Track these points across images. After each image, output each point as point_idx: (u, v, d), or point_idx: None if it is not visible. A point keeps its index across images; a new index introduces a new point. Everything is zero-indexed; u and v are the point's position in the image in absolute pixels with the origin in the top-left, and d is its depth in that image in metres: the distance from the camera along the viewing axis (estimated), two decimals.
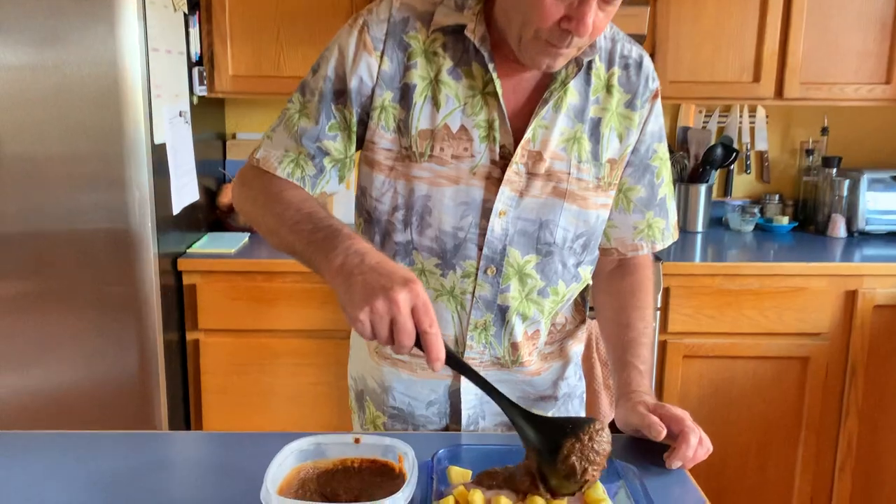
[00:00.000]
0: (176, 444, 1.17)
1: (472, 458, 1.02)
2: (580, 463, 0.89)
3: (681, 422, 1.08)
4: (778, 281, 2.36)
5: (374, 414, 1.32)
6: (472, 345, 1.22)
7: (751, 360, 2.39)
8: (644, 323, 1.25)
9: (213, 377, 2.38)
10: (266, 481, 0.86)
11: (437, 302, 1.21)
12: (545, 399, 1.31)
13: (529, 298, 1.22)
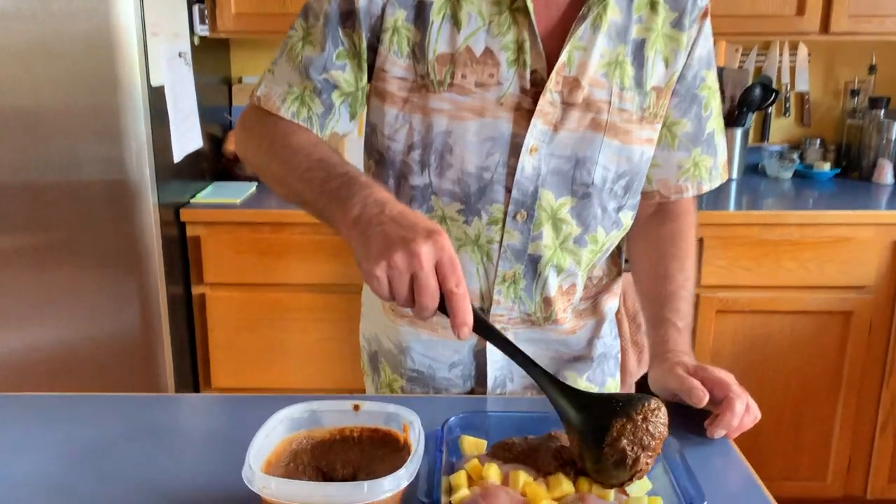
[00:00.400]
0: (177, 408, 1.07)
1: (488, 427, 0.90)
2: (632, 448, 0.75)
3: (725, 386, 0.95)
4: (820, 230, 2.19)
5: (391, 377, 1.21)
6: (500, 300, 1.10)
7: (789, 314, 2.25)
8: (684, 275, 1.11)
9: (220, 333, 2.29)
10: (249, 456, 0.75)
11: (459, 252, 1.08)
12: (580, 360, 1.19)
13: (564, 247, 1.09)
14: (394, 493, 0.72)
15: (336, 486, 0.71)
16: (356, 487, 0.70)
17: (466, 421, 0.90)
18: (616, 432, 0.76)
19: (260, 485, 0.71)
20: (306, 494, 0.70)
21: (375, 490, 0.71)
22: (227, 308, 2.27)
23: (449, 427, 0.88)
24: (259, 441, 0.79)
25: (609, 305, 1.21)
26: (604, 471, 0.77)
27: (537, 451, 0.83)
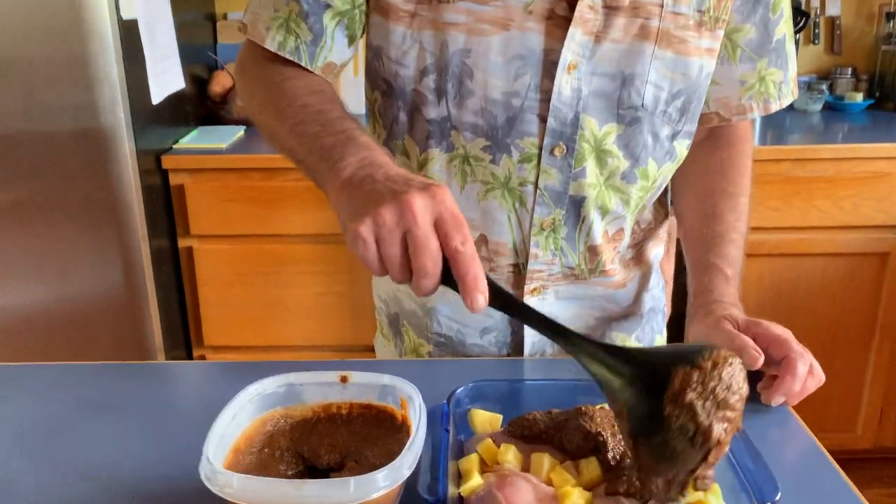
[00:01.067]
0: (164, 377, 0.93)
1: (504, 398, 0.76)
2: (703, 404, 0.55)
3: (784, 344, 0.80)
4: (856, 165, 2.02)
5: (416, 342, 1.06)
6: (537, 253, 0.94)
7: (821, 257, 2.09)
8: (736, 214, 0.95)
9: (211, 289, 2.14)
10: (208, 446, 0.60)
11: (487, 199, 0.92)
12: (628, 318, 1.04)
13: (611, 185, 0.92)
14: (390, 489, 0.57)
15: (316, 484, 0.56)
16: (340, 486, 0.56)
17: (477, 391, 0.75)
18: (679, 383, 0.56)
19: (220, 483, 0.57)
20: (278, 496, 0.56)
21: (365, 487, 0.56)
22: (216, 262, 2.12)
23: (456, 399, 0.73)
24: (222, 424, 0.64)
25: (655, 252, 1.06)
26: (665, 451, 0.57)
27: (563, 429, 0.69)
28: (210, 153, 2.07)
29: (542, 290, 0.97)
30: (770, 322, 0.84)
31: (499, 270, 0.96)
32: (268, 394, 0.70)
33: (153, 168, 2.00)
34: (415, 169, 0.94)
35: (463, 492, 0.64)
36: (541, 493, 0.63)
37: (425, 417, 0.65)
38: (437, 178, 0.92)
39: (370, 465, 0.65)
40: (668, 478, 0.59)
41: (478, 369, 0.94)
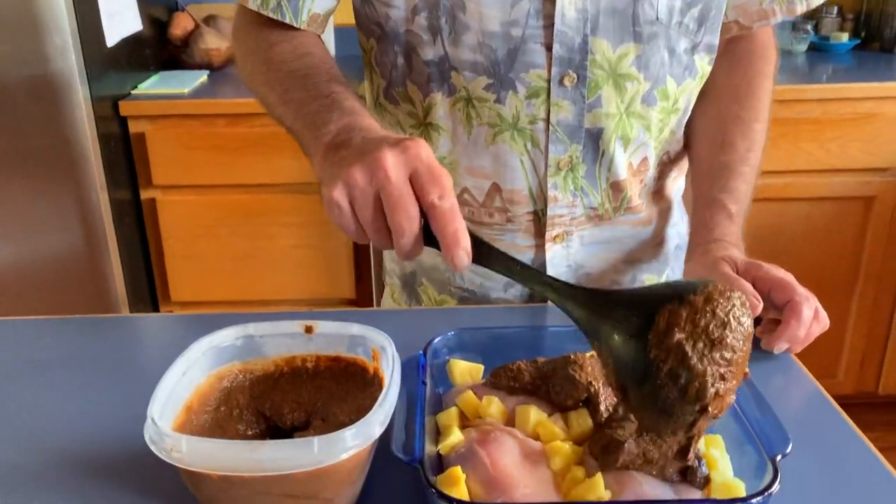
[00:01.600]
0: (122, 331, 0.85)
1: (486, 347, 0.69)
2: (694, 345, 0.48)
3: (787, 288, 0.75)
4: (843, 106, 1.96)
5: (438, 299, 0.99)
6: (557, 196, 0.87)
7: (805, 201, 2.04)
8: (748, 142, 0.88)
9: (176, 242, 2.05)
10: (152, 405, 0.53)
11: (496, 143, 0.85)
12: (658, 257, 0.98)
13: (632, 112, 0.85)
14: (360, 449, 0.51)
15: (275, 446, 0.50)
16: (303, 447, 0.49)
17: (457, 340, 0.69)
18: (665, 322, 0.49)
19: (167, 447, 0.50)
20: (232, 460, 0.49)
21: (332, 448, 0.50)
22: (181, 214, 2.03)
23: (434, 349, 0.67)
24: (171, 380, 0.57)
25: (678, 185, 0.99)
26: (657, 403, 0.50)
27: (551, 380, 0.63)
28: (171, 98, 1.95)
29: (566, 236, 0.90)
30: (771, 264, 0.79)
31: (517, 220, 0.89)
32: (223, 346, 0.63)
33: (110, 115, 1.89)
34: (420, 117, 0.87)
35: (442, 449, 0.58)
36: (527, 449, 0.57)
37: (399, 370, 0.58)
38: (443, 124, 0.86)
39: (339, 424, 0.58)
40: (667, 443, 0.53)
41: (459, 318, 0.88)
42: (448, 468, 0.55)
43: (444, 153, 0.87)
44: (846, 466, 0.61)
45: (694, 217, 0.88)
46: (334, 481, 0.52)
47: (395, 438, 0.55)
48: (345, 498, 0.55)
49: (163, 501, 0.57)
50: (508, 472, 0.54)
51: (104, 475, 0.60)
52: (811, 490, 0.58)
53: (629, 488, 0.53)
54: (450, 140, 0.86)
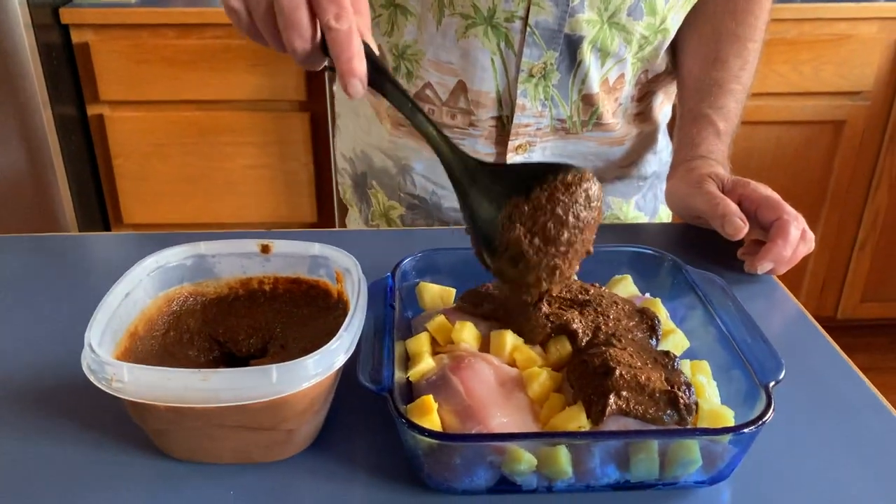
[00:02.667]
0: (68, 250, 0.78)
1: (458, 269, 0.65)
2: (530, 241, 0.52)
3: (776, 207, 0.71)
4: (818, 27, 1.91)
5: (387, 204, 0.94)
6: (525, 104, 0.82)
7: (776, 125, 2.01)
8: (741, 61, 0.84)
9: (126, 161, 1.95)
10: (90, 333, 0.48)
11: (467, 38, 0.78)
12: (626, 179, 0.93)
13: (614, 22, 0.79)
14: (323, 377, 0.46)
15: (229, 374, 0.45)
16: (259, 376, 0.45)
17: (427, 262, 0.64)
18: (508, 215, 0.53)
19: (108, 376, 0.45)
20: (180, 389, 0.44)
21: (292, 376, 0.45)
22: (131, 131, 1.92)
23: (402, 271, 0.62)
24: (112, 303, 0.52)
25: (665, 111, 0.95)
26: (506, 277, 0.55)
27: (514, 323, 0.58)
28: (118, 6, 1.82)
29: (529, 146, 0.86)
30: (758, 183, 0.75)
31: (479, 125, 0.84)
32: (172, 266, 0.57)
33: (51, 23, 1.76)
34: None
35: (412, 377, 0.54)
36: (503, 376, 0.53)
37: (366, 293, 0.54)
38: (412, 7, 0.79)
39: (299, 351, 0.54)
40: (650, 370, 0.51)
41: (429, 238, 0.83)
42: (419, 397, 0.51)
43: (409, 40, 0.82)
44: (832, 390, 0.59)
45: (679, 132, 0.84)
46: (295, 412, 0.48)
47: (361, 366, 0.51)
48: (306, 430, 0.51)
49: (106, 435, 0.53)
50: (483, 401, 0.50)
51: (43, 406, 0.55)
52: (799, 414, 0.56)
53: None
54: (416, 27, 0.80)
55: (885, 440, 0.54)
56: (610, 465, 0.48)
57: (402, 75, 0.85)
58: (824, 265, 2.21)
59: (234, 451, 0.50)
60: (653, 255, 0.64)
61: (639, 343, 0.55)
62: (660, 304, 0.60)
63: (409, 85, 0.85)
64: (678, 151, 0.82)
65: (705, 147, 0.79)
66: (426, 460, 0.48)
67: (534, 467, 0.47)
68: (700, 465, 0.48)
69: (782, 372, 0.50)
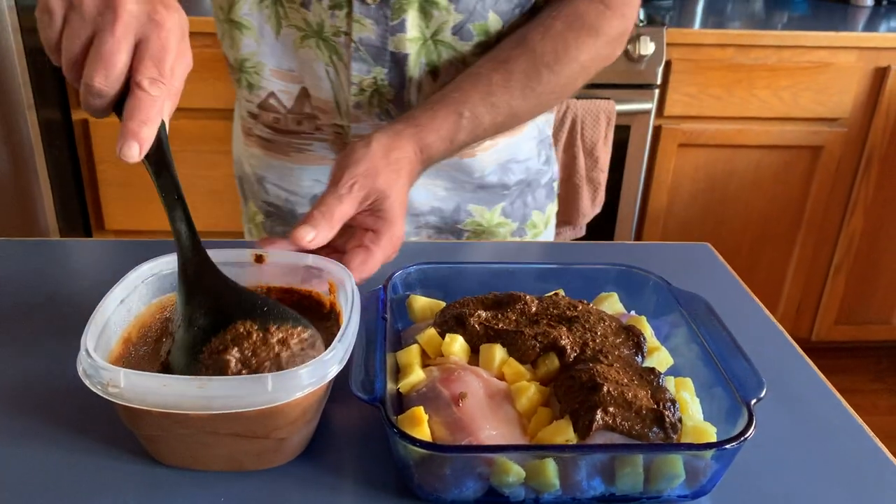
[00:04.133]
0: (53, 255, 0.78)
1: (448, 282, 0.66)
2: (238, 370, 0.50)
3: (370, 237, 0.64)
4: (798, 55, 1.96)
5: (253, 210, 0.97)
6: (360, 116, 0.83)
7: (756, 149, 2.05)
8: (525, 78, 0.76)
9: (110, 167, 1.94)
10: (86, 338, 0.48)
11: (303, 48, 0.80)
12: (487, 189, 0.92)
13: (440, 41, 0.79)
14: (316, 387, 0.47)
15: (225, 382, 0.46)
16: (255, 385, 0.45)
17: (419, 275, 0.65)
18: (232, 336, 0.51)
19: (104, 381, 0.45)
20: (177, 396, 0.45)
21: (287, 386, 0.46)
22: (116, 137, 1.90)
23: (394, 284, 0.63)
24: (108, 309, 0.52)
25: (534, 120, 0.93)
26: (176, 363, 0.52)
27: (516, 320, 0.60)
28: None
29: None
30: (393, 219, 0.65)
31: (324, 129, 0.86)
32: (165, 274, 0.58)
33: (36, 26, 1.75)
34: (225, 10, 0.82)
35: (402, 388, 0.55)
36: (492, 389, 0.54)
37: (359, 305, 0.54)
38: (247, 22, 0.81)
39: None
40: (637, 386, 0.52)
41: (424, 251, 0.84)
42: (409, 408, 0.52)
43: (246, 53, 0.83)
44: (811, 409, 0.60)
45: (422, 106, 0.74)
46: (287, 420, 0.48)
47: (353, 377, 0.51)
48: (298, 438, 0.52)
49: (98, 440, 0.53)
50: (473, 413, 0.51)
51: (33, 411, 0.55)
52: (779, 432, 0.57)
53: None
54: (255, 40, 0.81)
55: (861, 460, 0.56)
56: (596, 479, 0.49)
57: (244, 87, 0.86)
58: (800, 288, 2.24)
59: (225, 459, 0.50)
60: (639, 273, 0.66)
61: (625, 360, 0.56)
62: (645, 321, 0.62)
63: (252, 95, 0.85)
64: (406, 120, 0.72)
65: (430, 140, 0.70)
66: (416, 470, 0.49)
67: (522, 479, 0.48)
68: (683, 479, 0.49)
69: (763, 390, 0.51)
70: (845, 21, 2.18)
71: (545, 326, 0.58)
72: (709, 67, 1.94)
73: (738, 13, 2.25)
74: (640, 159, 2.01)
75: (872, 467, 0.55)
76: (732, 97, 1.97)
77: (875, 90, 2.01)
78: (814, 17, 2.22)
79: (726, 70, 1.95)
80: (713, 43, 1.93)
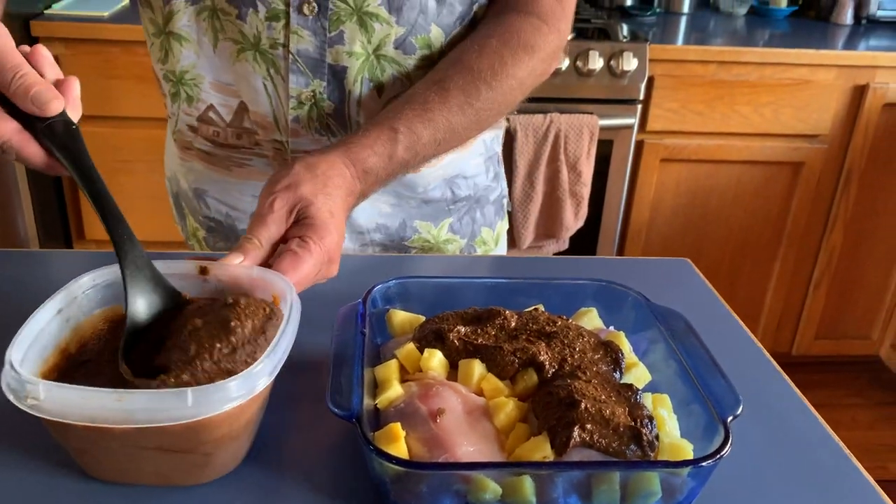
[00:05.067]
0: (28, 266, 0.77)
1: (429, 297, 0.66)
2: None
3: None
4: (780, 71, 1.98)
5: (193, 226, 0.96)
6: (299, 130, 0.82)
7: (737, 164, 2.07)
8: (465, 97, 0.75)
9: None
10: (11, 350, 0.48)
11: (240, 61, 0.80)
12: (431, 204, 0.91)
13: (382, 55, 0.79)
14: (243, 401, 0.47)
15: (144, 395, 0.45)
16: (174, 399, 0.45)
17: (399, 289, 0.65)
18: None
19: (25, 394, 0.45)
20: (96, 408, 0.45)
21: (209, 399, 0.46)
22: (98, 146, 1.90)
23: (373, 298, 0.63)
24: (41, 320, 0.52)
25: (485, 136, 0.92)
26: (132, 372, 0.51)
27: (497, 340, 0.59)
28: (89, 21, 1.81)
29: None
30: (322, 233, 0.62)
31: (264, 145, 0.85)
32: (107, 284, 0.57)
33: (21, 35, 1.74)
34: (160, 24, 0.81)
35: (380, 403, 0.54)
36: (470, 405, 0.54)
37: (297, 318, 0.53)
38: (185, 34, 0.80)
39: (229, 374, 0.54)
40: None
41: (409, 265, 0.84)
42: (386, 424, 0.52)
43: (186, 65, 0.82)
44: (787, 425, 0.61)
45: (363, 130, 0.72)
46: (213, 436, 0.48)
47: (330, 392, 0.51)
48: (226, 453, 0.51)
49: (29, 455, 0.52)
50: (451, 430, 0.51)
51: None
52: (755, 448, 0.57)
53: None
54: (194, 52, 0.81)
55: (836, 475, 0.56)
56: (573, 496, 0.49)
57: (183, 100, 0.85)
58: (781, 302, 2.26)
59: (152, 474, 0.50)
60: (618, 289, 0.66)
61: (603, 376, 0.56)
62: (623, 337, 0.62)
63: (191, 108, 0.84)
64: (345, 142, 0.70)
65: (371, 162, 0.69)
66: (392, 487, 0.49)
67: (498, 496, 0.48)
68: (660, 496, 0.49)
69: (740, 407, 0.52)
70: (825, 39, 2.21)
71: (524, 342, 0.58)
72: (691, 83, 1.96)
73: (721, 30, 2.27)
74: (622, 173, 2.02)
75: (847, 483, 0.55)
76: (714, 113, 1.99)
77: (854, 107, 2.04)
78: (794, 35, 2.25)
79: (708, 86, 1.97)
80: (696, 59, 1.95)
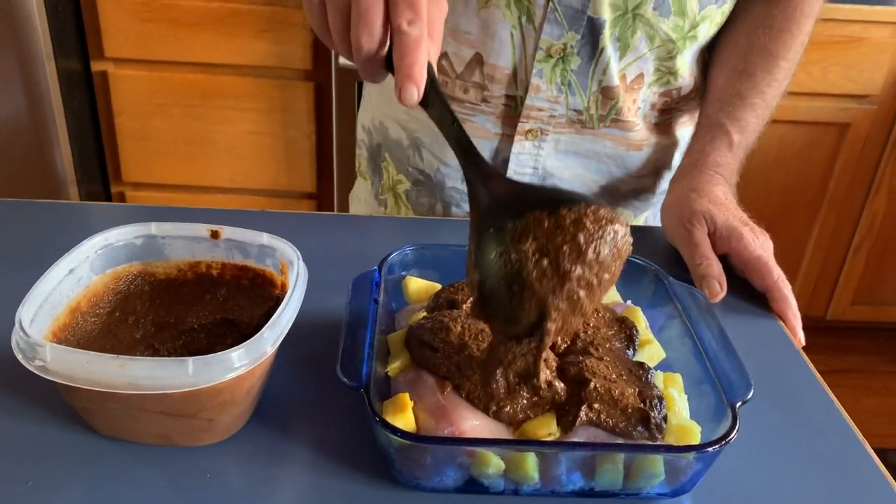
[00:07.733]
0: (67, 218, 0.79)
1: (446, 264, 0.65)
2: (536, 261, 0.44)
3: (763, 271, 0.72)
4: (830, 28, 1.90)
5: (395, 178, 0.94)
6: (539, 85, 0.81)
7: (781, 124, 2.00)
8: (769, 77, 0.82)
9: (129, 119, 1.95)
10: (22, 310, 0.49)
11: (488, 8, 0.77)
12: (639, 193, 0.92)
13: (638, 14, 0.77)
14: (246, 370, 0.47)
15: (147, 363, 0.46)
16: (177, 366, 0.46)
17: (416, 256, 0.65)
18: (524, 225, 0.45)
19: (31, 355, 0.46)
20: (100, 373, 0.45)
21: (210, 369, 0.46)
22: (135, 90, 1.91)
23: (389, 266, 0.63)
24: (52, 280, 0.53)
25: (687, 130, 0.93)
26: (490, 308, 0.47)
27: None
28: None
29: (540, 134, 0.84)
30: (752, 233, 0.74)
31: (492, 102, 0.83)
32: (120, 245, 0.58)
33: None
34: None
35: (390, 371, 0.55)
36: None
37: (303, 287, 0.53)
38: None
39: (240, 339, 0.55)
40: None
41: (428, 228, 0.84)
42: (395, 392, 0.52)
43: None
44: (802, 409, 0.60)
45: (693, 138, 0.83)
46: (214, 403, 0.49)
47: (340, 358, 0.52)
48: (229, 417, 0.52)
49: (36, 409, 0.54)
50: (458, 402, 0.52)
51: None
52: (766, 431, 0.57)
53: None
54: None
55: (848, 462, 0.55)
56: (576, 473, 0.49)
57: None
58: (818, 265, 2.21)
59: (156, 435, 0.51)
60: (638, 263, 0.65)
61: (615, 353, 0.56)
62: (640, 312, 0.61)
63: None
64: (687, 155, 0.82)
65: (714, 157, 0.79)
66: (397, 456, 0.49)
67: (501, 471, 0.49)
68: (663, 478, 0.49)
69: (750, 392, 0.51)
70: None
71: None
72: None
73: None
74: None
75: (855, 468, 0.55)
76: None
77: None
78: None
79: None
80: None
